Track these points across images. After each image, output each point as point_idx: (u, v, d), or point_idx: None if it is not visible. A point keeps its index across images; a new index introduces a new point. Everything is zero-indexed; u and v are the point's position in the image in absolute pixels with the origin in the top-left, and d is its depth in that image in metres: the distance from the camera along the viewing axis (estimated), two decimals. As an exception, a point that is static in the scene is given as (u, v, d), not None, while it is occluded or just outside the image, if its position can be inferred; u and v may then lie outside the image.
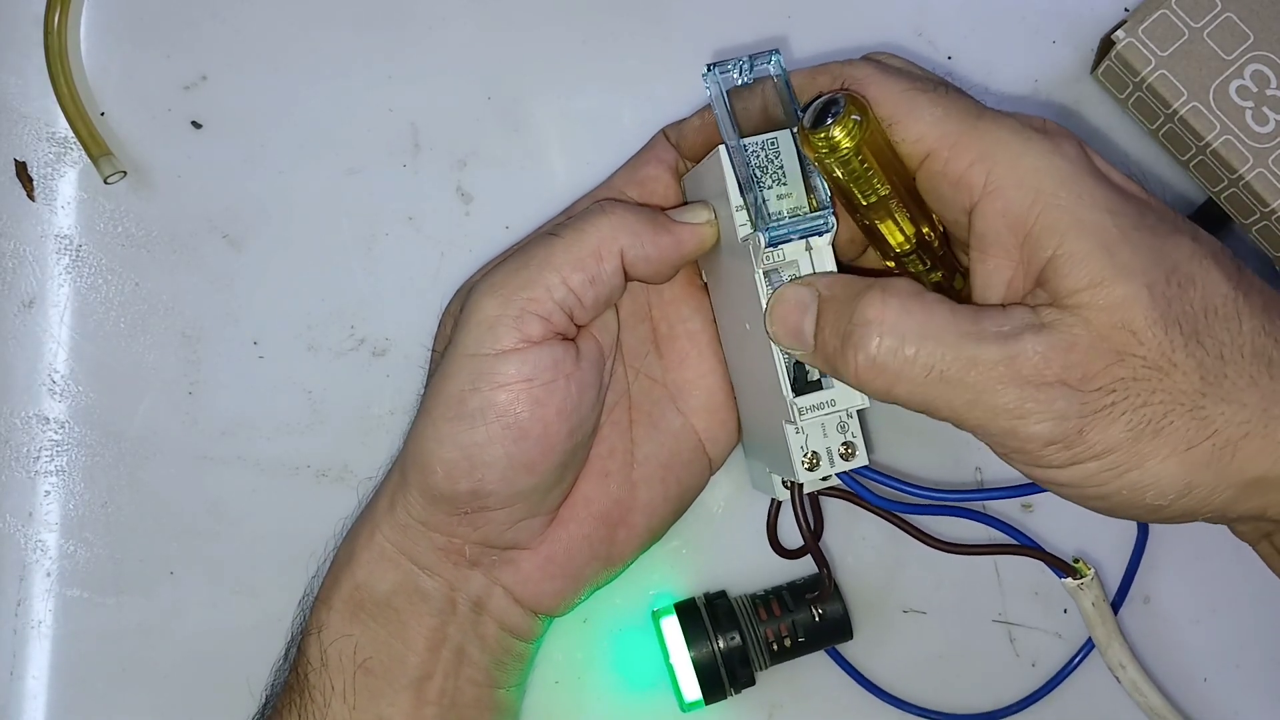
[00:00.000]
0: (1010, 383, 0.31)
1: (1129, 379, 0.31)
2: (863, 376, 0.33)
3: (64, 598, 0.45)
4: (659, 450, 0.42)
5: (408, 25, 0.47)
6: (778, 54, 0.37)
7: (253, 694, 0.42)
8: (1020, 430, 0.32)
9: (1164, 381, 0.31)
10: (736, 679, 0.43)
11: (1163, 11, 0.43)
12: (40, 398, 0.45)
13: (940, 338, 0.32)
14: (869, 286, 0.34)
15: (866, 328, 0.33)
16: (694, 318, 0.43)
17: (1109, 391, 0.31)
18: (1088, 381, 0.31)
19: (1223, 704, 0.47)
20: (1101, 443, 0.31)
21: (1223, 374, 0.32)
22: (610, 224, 0.38)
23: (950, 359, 0.32)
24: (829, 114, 0.34)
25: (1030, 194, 0.33)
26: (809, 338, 0.35)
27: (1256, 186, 0.43)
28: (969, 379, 0.32)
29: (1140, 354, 0.31)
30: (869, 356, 0.33)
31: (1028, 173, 0.33)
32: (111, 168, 0.44)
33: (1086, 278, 0.32)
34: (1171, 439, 0.31)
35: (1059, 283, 0.32)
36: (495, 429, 0.37)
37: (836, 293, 0.35)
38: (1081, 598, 0.43)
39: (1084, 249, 0.32)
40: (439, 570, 0.39)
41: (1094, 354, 0.31)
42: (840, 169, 0.35)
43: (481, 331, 0.37)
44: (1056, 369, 0.31)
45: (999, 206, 0.33)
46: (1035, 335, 0.32)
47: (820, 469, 0.38)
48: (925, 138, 0.35)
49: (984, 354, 0.32)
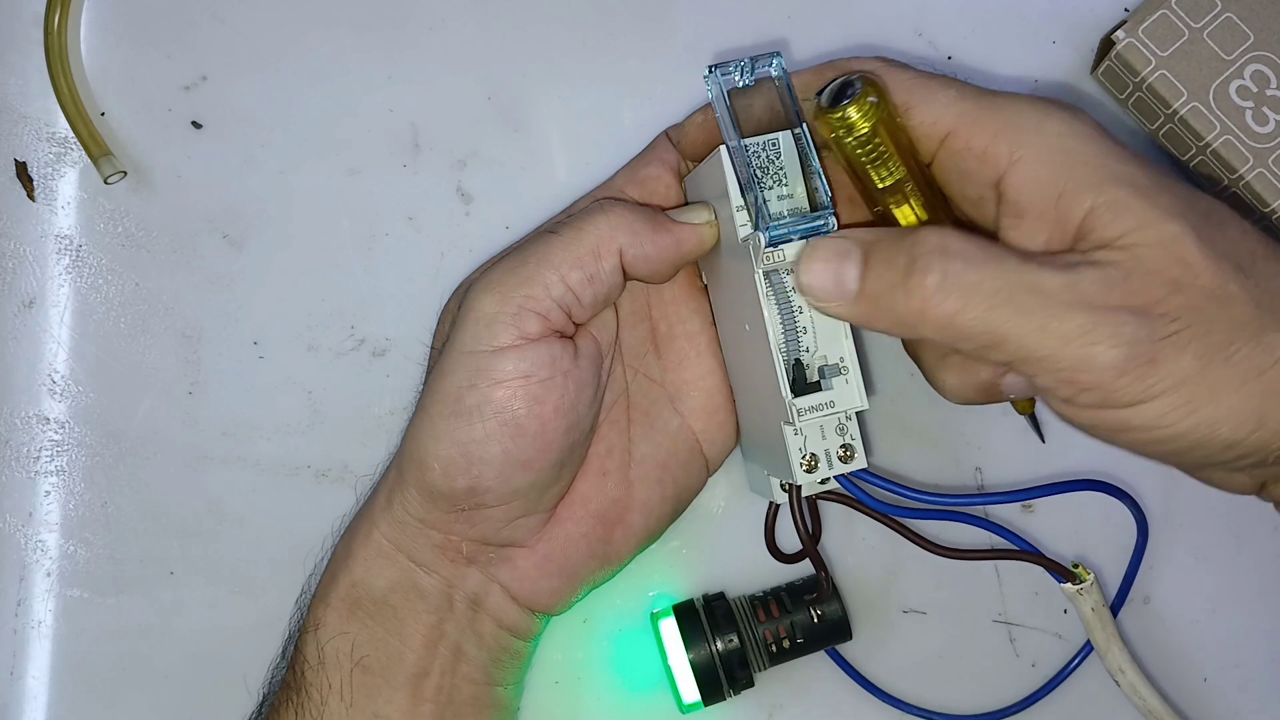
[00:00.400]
0: (1077, 307, 0.31)
1: (1191, 307, 0.31)
2: (932, 301, 0.32)
3: (64, 598, 0.45)
4: (656, 450, 0.42)
5: (408, 25, 0.47)
6: (779, 56, 0.37)
7: (250, 693, 0.42)
8: (1093, 359, 0.31)
9: (1224, 310, 0.31)
10: (735, 680, 0.43)
11: (1163, 12, 0.43)
12: (40, 398, 0.45)
13: (1003, 264, 0.32)
14: (916, 228, 0.34)
15: (931, 255, 0.33)
16: (694, 319, 0.43)
17: (1173, 319, 0.31)
18: (1152, 307, 0.31)
19: (1223, 704, 0.47)
20: (1174, 373, 0.31)
21: (1276, 304, 0.32)
22: (609, 222, 0.38)
23: (1015, 283, 0.32)
24: (846, 94, 0.35)
25: (1060, 155, 0.33)
26: (851, 284, 0.35)
27: (1256, 186, 0.43)
28: (1034, 306, 0.31)
29: (1198, 284, 0.31)
30: (940, 278, 0.32)
31: (1053, 137, 0.34)
32: (111, 168, 0.44)
33: (1132, 220, 0.32)
34: (1242, 366, 0.31)
35: (1103, 231, 0.32)
36: (492, 426, 0.37)
37: (881, 237, 0.35)
38: (1081, 602, 0.43)
39: (1124, 196, 0.32)
40: (436, 567, 0.39)
41: (1152, 283, 0.31)
42: (859, 149, 0.35)
43: (479, 329, 0.37)
44: (1119, 295, 0.31)
45: (1030, 172, 0.34)
46: (1092, 269, 0.32)
47: (819, 471, 0.38)
48: (942, 119, 0.35)
49: (1047, 280, 0.32)
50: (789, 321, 0.37)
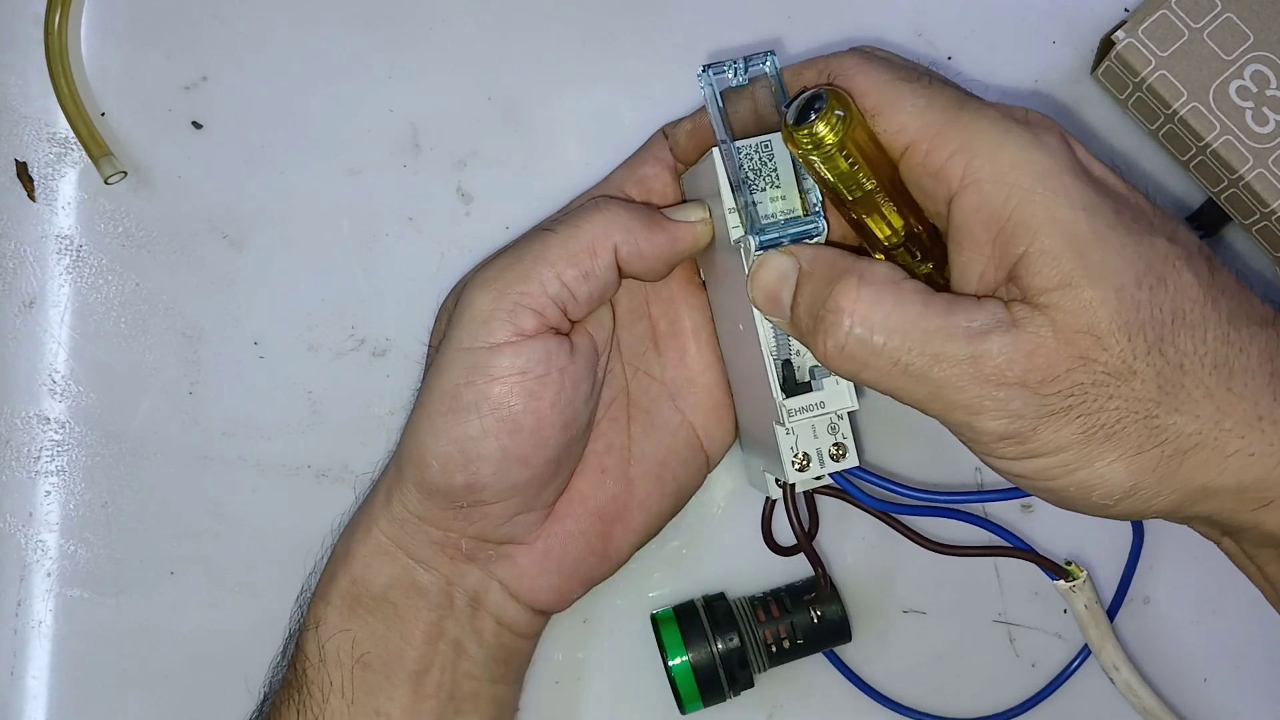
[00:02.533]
0: (971, 381, 0.32)
1: (1088, 384, 0.32)
2: (830, 361, 0.34)
3: (64, 598, 0.45)
4: (656, 448, 0.42)
5: (408, 25, 0.47)
6: (773, 55, 0.37)
7: (251, 692, 0.42)
8: (975, 425, 0.32)
9: (1121, 388, 0.32)
10: (735, 681, 0.43)
11: (1163, 12, 0.43)
12: (41, 398, 0.45)
13: (908, 332, 0.33)
14: (847, 270, 0.34)
15: (838, 315, 0.33)
16: (692, 315, 0.43)
17: (1067, 395, 0.32)
18: (1047, 385, 0.32)
19: (1223, 704, 0.47)
20: (1054, 442, 0.32)
21: (1180, 384, 0.32)
22: (604, 219, 0.38)
23: (916, 354, 0.32)
24: (812, 110, 0.34)
25: (1005, 188, 0.33)
26: (786, 309, 0.36)
27: (1256, 187, 0.43)
28: (932, 374, 0.32)
29: (1102, 360, 0.31)
30: (838, 344, 0.33)
31: (1005, 167, 0.33)
32: (112, 168, 0.44)
33: (1056, 278, 0.32)
34: (1121, 444, 0.32)
35: (1029, 280, 0.32)
36: (489, 422, 0.37)
37: (816, 269, 0.35)
38: (1074, 600, 0.43)
39: (1055, 247, 0.32)
40: (435, 565, 0.39)
41: (1057, 358, 0.32)
42: (824, 165, 0.34)
43: (475, 325, 0.37)
44: (1018, 371, 0.32)
45: (975, 200, 0.33)
46: (1003, 335, 0.32)
47: (811, 469, 0.38)
48: (906, 129, 0.34)
49: (949, 351, 0.32)
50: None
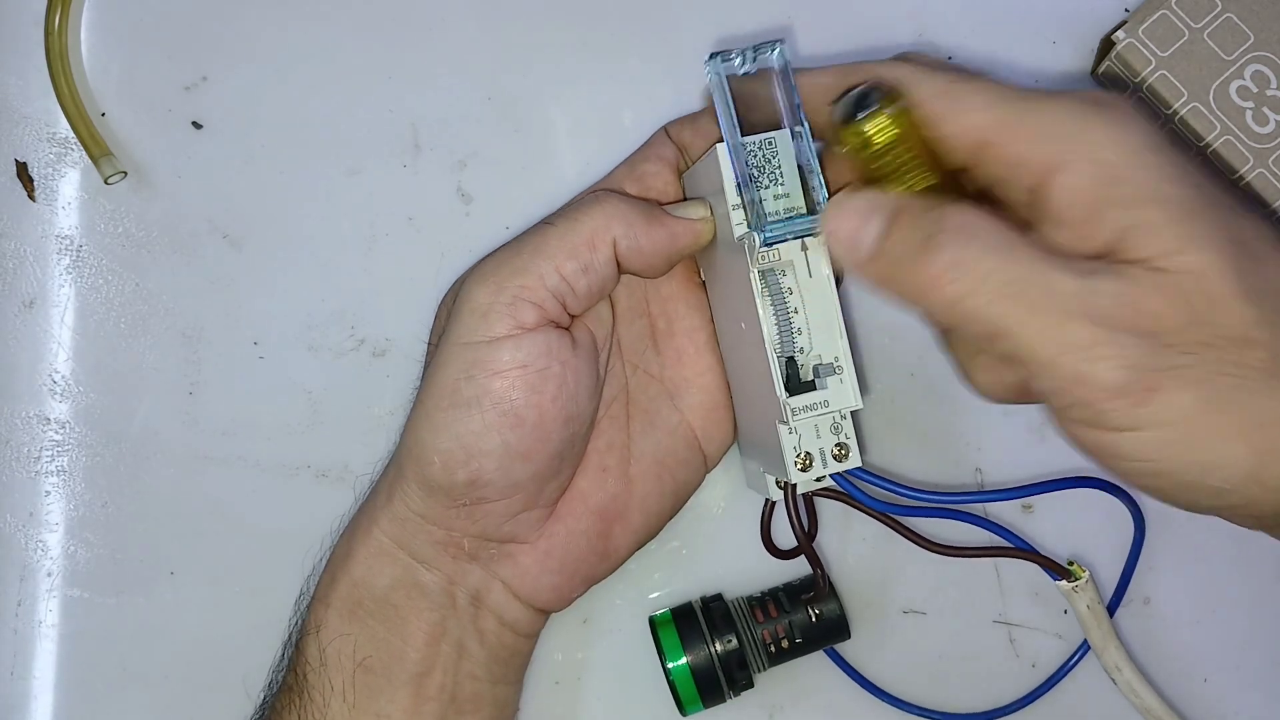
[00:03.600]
0: (1086, 318, 0.30)
1: (1205, 344, 0.30)
2: (941, 280, 0.31)
3: (65, 598, 0.45)
4: (655, 447, 0.42)
5: (408, 25, 0.47)
6: (782, 43, 0.36)
7: (249, 695, 0.42)
8: (1091, 374, 0.30)
9: (1239, 355, 0.30)
10: (734, 682, 0.43)
11: (1163, 12, 0.43)
12: (41, 398, 0.45)
13: (1020, 256, 0.31)
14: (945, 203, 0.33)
15: (951, 233, 0.32)
16: (692, 315, 0.43)
17: (1184, 352, 0.30)
18: (1164, 335, 0.30)
19: (1223, 704, 0.47)
20: (1170, 408, 0.30)
21: None
22: (604, 212, 0.38)
23: (1029, 278, 0.30)
24: (863, 107, 0.33)
25: (1099, 168, 0.32)
26: (870, 241, 0.34)
27: (1256, 186, 0.43)
28: (1044, 303, 0.30)
29: (1219, 322, 0.30)
30: (954, 257, 0.31)
31: (1094, 147, 0.32)
32: (112, 168, 0.44)
33: (1164, 246, 0.30)
34: (1244, 417, 0.30)
35: (1134, 253, 0.31)
36: (491, 416, 0.37)
37: (911, 204, 0.33)
38: (1076, 600, 0.43)
39: (1160, 219, 0.31)
40: (437, 564, 0.39)
41: (1172, 310, 0.30)
42: (874, 163, 0.34)
43: (475, 320, 0.37)
44: (1132, 314, 0.30)
45: (1068, 182, 0.32)
46: (1112, 279, 0.30)
47: (813, 470, 0.37)
48: (974, 128, 0.34)
49: (1060, 283, 0.30)
50: (784, 321, 0.37)
